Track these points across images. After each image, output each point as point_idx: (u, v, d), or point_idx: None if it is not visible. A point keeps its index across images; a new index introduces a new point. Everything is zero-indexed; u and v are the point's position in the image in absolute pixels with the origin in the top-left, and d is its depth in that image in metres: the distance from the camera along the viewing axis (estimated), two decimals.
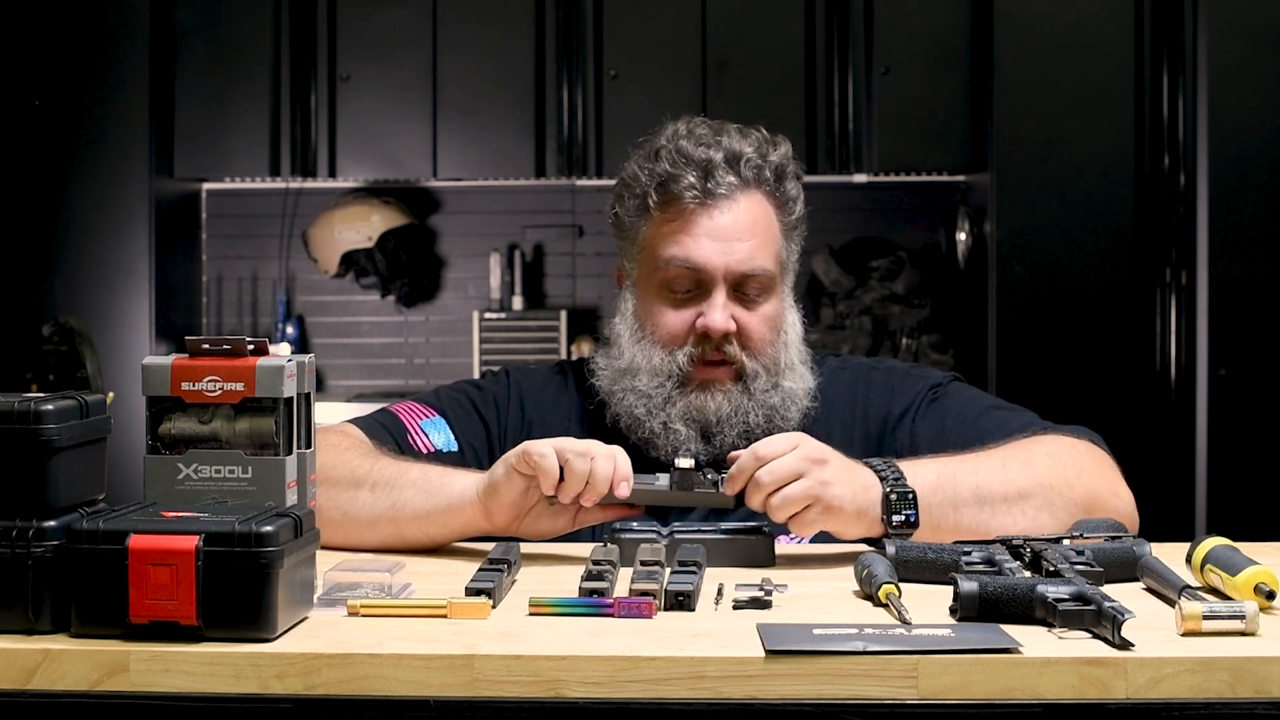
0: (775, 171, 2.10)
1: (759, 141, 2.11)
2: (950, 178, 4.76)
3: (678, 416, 2.06)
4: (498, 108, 4.66)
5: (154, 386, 1.57)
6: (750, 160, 2.08)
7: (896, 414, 2.13)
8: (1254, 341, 4.14)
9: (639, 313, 2.11)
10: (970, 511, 1.88)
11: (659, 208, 2.09)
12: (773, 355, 2.08)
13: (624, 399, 2.08)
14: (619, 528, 1.85)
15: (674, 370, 2.07)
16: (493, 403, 2.17)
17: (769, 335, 2.09)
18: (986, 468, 1.92)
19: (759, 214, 2.09)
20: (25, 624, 1.42)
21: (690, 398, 2.06)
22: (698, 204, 2.06)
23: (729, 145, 2.08)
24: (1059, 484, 1.92)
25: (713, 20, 4.60)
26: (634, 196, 2.11)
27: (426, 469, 1.95)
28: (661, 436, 2.06)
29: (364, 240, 4.91)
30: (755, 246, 2.07)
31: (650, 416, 2.07)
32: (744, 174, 2.08)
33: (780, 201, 2.12)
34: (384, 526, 1.92)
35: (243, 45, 4.67)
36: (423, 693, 1.37)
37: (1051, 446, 1.98)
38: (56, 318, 4.43)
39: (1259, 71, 4.16)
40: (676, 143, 2.09)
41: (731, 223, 2.07)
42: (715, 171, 2.06)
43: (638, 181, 2.11)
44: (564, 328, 4.91)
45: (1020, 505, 1.89)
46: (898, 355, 4.67)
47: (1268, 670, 1.35)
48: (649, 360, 2.07)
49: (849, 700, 1.35)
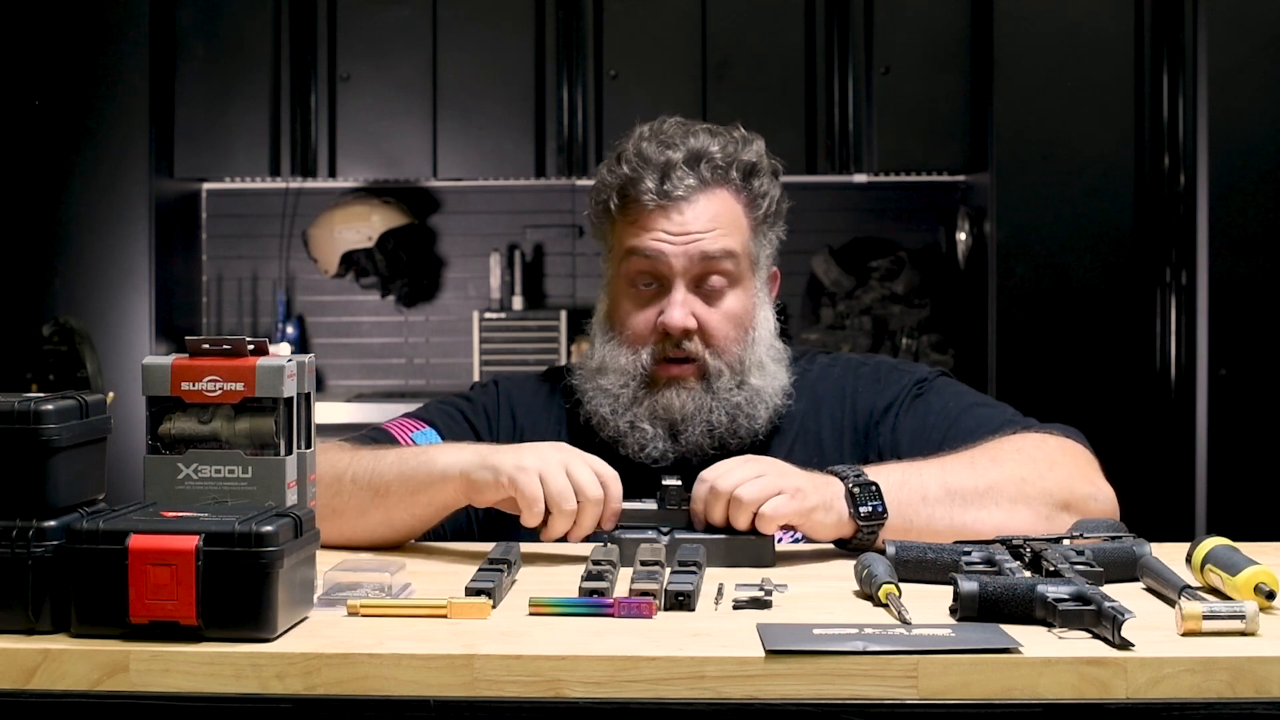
0: (744, 169, 2.11)
1: (728, 140, 2.12)
2: (950, 178, 4.76)
3: (644, 415, 2.07)
4: (498, 108, 4.66)
5: (154, 386, 1.57)
6: (712, 159, 2.09)
7: (881, 408, 2.13)
8: (1254, 341, 4.14)
9: (609, 314, 2.14)
10: (941, 507, 1.88)
11: (619, 211, 2.11)
12: (737, 353, 2.09)
13: (594, 398, 2.10)
14: (619, 527, 1.85)
15: (639, 369, 2.08)
16: (482, 412, 2.18)
17: (732, 332, 2.09)
18: (953, 466, 1.93)
19: (721, 209, 2.09)
20: (25, 624, 1.42)
21: (656, 397, 2.08)
22: (655, 205, 2.08)
23: (693, 145, 2.09)
24: (1030, 476, 1.92)
25: (713, 20, 4.60)
26: (599, 201, 2.14)
27: (402, 452, 1.96)
28: (629, 435, 2.08)
29: (364, 240, 4.91)
30: (715, 237, 2.08)
31: (616, 415, 2.08)
32: (703, 173, 2.08)
33: (749, 198, 2.12)
34: (373, 514, 1.92)
35: (243, 45, 4.67)
36: (423, 693, 1.37)
37: (1021, 443, 1.98)
38: (56, 318, 4.43)
39: (1259, 71, 4.16)
40: (639, 145, 2.10)
41: (691, 219, 2.08)
42: (673, 173, 2.07)
43: (604, 186, 2.13)
44: (564, 328, 4.91)
45: (993, 498, 1.89)
46: (897, 355, 4.66)
47: (1268, 670, 1.35)
48: (615, 360, 2.09)
49: (849, 700, 1.35)
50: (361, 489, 1.92)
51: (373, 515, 1.93)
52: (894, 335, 4.76)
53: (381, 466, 1.93)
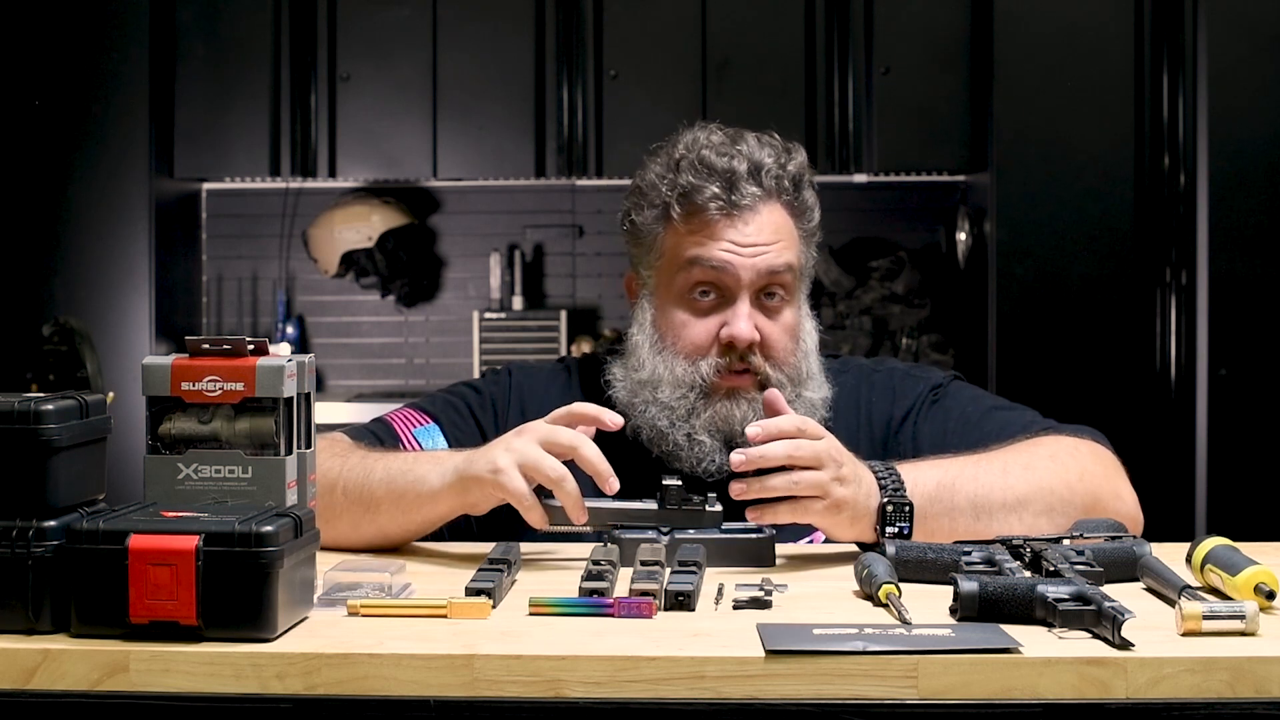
0: (793, 181, 2.09)
1: (777, 150, 2.09)
2: (950, 178, 4.76)
3: (702, 427, 2.03)
4: (498, 108, 4.66)
5: (154, 386, 1.57)
6: (770, 170, 2.06)
7: (899, 417, 2.12)
8: (1254, 341, 4.14)
9: (658, 323, 2.08)
10: (966, 520, 1.88)
11: (682, 219, 2.06)
12: (795, 365, 2.07)
13: (646, 411, 2.05)
14: (619, 527, 1.85)
15: (697, 381, 2.03)
16: (490, 406, 2.15)
17: (790, 345, 2.07)
18: (987, 473, 1.91)
19: (780, 223, 2.08)
20: (25, 624, 1.42)
21: (716, 408, 2.03)
22: (722, 214, 2.04)
23: (750, 155, 2.06)
24: (1060, 488, 1.91)
25: (713, 20, 4.59)
26: (653, 206, 2.09)
27: (389, 466, 1.92)
28: (686, 449, 2.03)
29: (364, 240, 4.91)
30: (778, 251, 2.05)
31: (674, 429, 2.03)
32: (765, 184, 2.06)
33: (798, 210, 2.10)
34: (366, 528, 1.92)
35: (243, 45, 4.67)
36: (423, 693, 1.37)
37: (1054, 448, 1.97)
38: (56, 318, 4.42)
39: (1259, 71, 4.16)
40: (698, 152, 2.06)
41: (755, 231, 2.05)
42: (739, 182, 2.04)
43: (657, 191, 2.08)
44: (564, 328, 4.91)
45: (1018, 512, 1.89)
46: (898, 355, 4.66)
47: (1268, 670, 1.35)
48: (671, 371, 2.04)
49: (849, 700, 1.35)
50: (353, 502, 1.91)
51: (366, 529, 1.92)
52: (894, 335, 4.76)
53: (372, 481, 1.91)
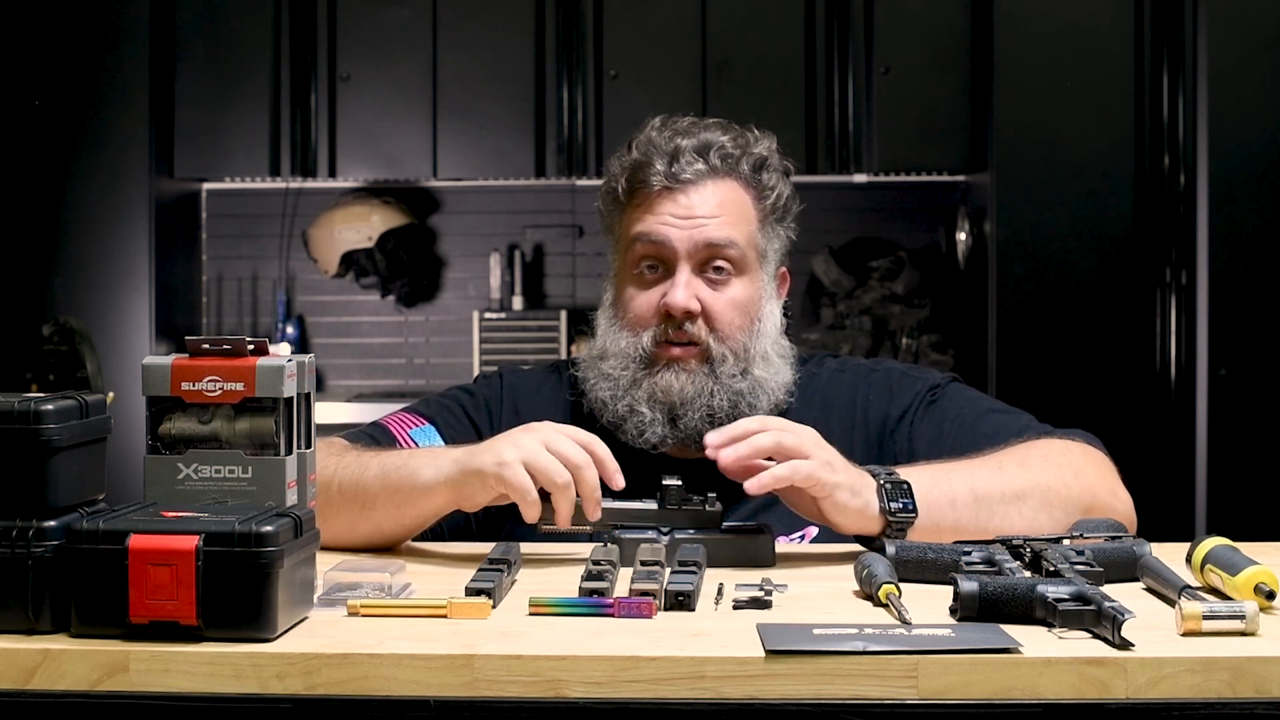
0: (754, 162, 2.11)
1: (739, 135, 2.12)
2: (950, 178, 4.76)
3: (643, 398, 2.05)
4: (498, 108, 4.66)
5: (154, 386, 1.57)
6: (722, 148, 2.09)
7: (895, 416, 2.12)
8: (1254, 341, 4.14)
9: (614, 301, 2.13)
10: (967, 510, 1.87)
11: (627, 195, 2.11)
12: (742, 340, 2.07)
13: (595, 384, 2.09)
14: (619, 527, 1.85)
15: (639, 352, 2.06)
16: (484, 407, 2.16)
17: (737, 319, 2.08)
18: (982, 470, 1.92)
19: (728, 197, 2.09)
20: (25, 624, 1.42)
21: (656, 379, 2.05)
22: (663, 187, 2.08)
23: (702, 136, 2.10)
24: (1056, 484, 1.92)
25: (713, 20, 4.60)
26: (609, 191, 2.14)
27: (384, 463, 1.93)
28: (628, 419, 2.06)
29: (364, 240, 4.91)
30: (721, 224, 2.07)
31: (616, 400, 2.06)
32: (712, 161, 2.08)
33: (758, 191, 2.11)
34: (362, 526, 1.92)
35: (243, 45, 4.67)
36: (423, 693, 1.37)
37: (1047, 449, 1.98)
38: (56, 318, 4.43)
39: (1259, 71, 4.16)
40: (648, 134, 2.11)
41: (697, 203, 2.07)
42: (682, 157, 2.07)
43: (612, 176, 2.14)
44: (564, 328, 4.91)
45: (1018, 505, 1.89)
46: (897, 355, 4.66)
47: (1268, 670, 1.35)
48: (617, 344, 2.08)
49: (849, 700, 1.35)
50: (348, 500, 1.91)
51: (361, 527, 1.92)
52: (894, 335, 4.76)
53: (366, 479, 1.91)
